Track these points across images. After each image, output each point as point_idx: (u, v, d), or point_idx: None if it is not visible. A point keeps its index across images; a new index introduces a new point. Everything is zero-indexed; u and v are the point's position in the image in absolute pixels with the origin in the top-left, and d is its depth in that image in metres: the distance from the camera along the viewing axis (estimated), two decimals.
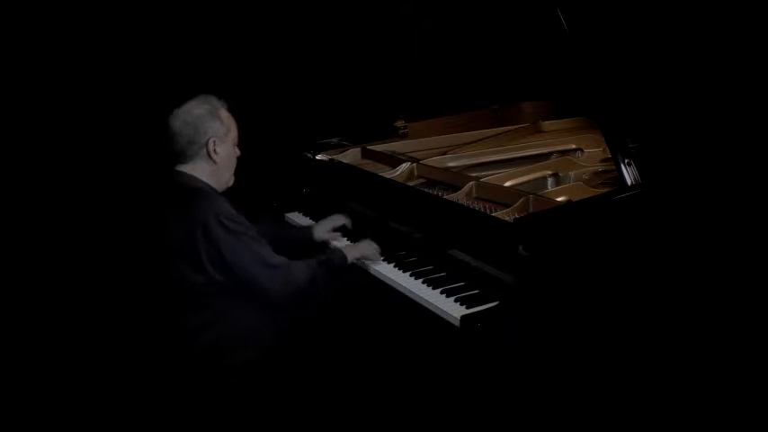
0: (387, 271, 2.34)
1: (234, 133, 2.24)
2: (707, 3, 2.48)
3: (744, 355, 2.25)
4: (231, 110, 2.33)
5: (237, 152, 2.27)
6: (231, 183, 2.29)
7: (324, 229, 2.64)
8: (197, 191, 2.14)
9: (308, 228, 2.67)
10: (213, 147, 2.16)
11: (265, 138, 3.55)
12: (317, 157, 3.14)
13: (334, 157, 3.10)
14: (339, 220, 2.68)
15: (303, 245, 2.60)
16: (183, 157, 2.17)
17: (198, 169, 2.18)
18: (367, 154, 3.12)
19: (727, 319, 2.26)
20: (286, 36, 3.87)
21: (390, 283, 2.28)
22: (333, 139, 3.28)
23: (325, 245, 2.61)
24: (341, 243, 2.61)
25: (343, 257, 2.34)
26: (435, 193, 2.56)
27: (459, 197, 2.44)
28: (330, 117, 3.68)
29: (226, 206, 2.12)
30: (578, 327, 2.00)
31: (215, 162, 2.18)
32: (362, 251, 2.40)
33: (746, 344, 2.26)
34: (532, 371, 1.99)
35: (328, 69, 3.93)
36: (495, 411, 2.12)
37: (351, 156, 3.13)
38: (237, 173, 2.33)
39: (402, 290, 2.22)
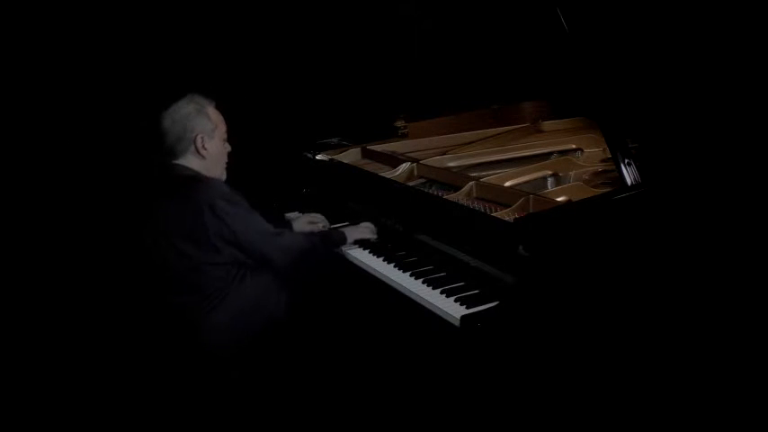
0: (387, 271, 2.34)
1: (222, 130, 2.33)
2: (707, 3, 2.48)
3: (744, 355, 2.25)
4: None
5: (228, 148, 2.37)
6: (223, 178, 2.36)
7: (303, 223, 2.68)
8: (194, 177, 2.25)
9: (288, 222, 2.71)
10: (201, 143, 2.26)
11: (265, 138, 3.57)
12: (317, 157, 3.14)
13: (334, 157, 3.10)
14: (318, 219, 2.73)
15: None
16: (173, 154, 2.27)
17: (189, 163, 2.28)
18: (367, 154, 3.12)
19: (727, 318, 2.26)
20: (286, 36, 3.87)
21: (390, 282, 2.28)
22: (333, 139, 3.29)
23: None
24: None
25: (344, 237, 2.49)
26: (435, 193, 2.56)
27: (459, 197, 2.44)
28: (330, 117, 3.68)
29: (225, 186, 2.27)
30: (578, 327, 2.00)
31: (204, 157, 2.28)
32: (363, 233, 2.53)
33: (746, 344, 2.26)
34: (532, 371, 1.99)
35: (328, 69, 3.93)
36: (495, 411, 2.12)
37: (351, 156, 3.13)
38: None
39: (402, 290, 2.22)
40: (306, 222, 2.67)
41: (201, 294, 2.19)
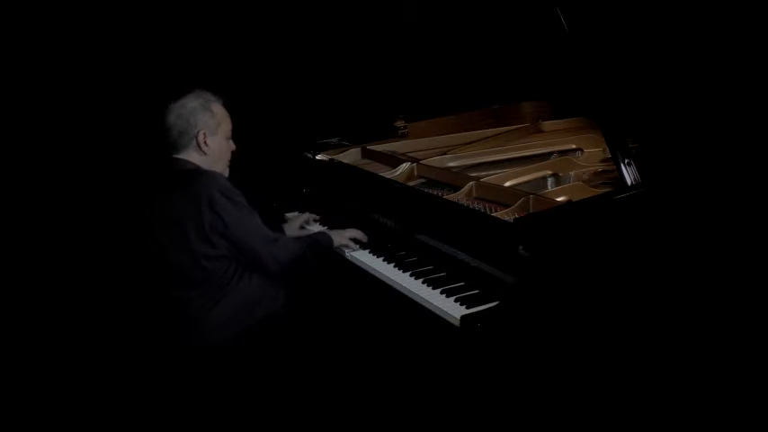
0: (387, 271, 2.34)
1: (226, 127, 2.34)
2: (707, 3, 2.48)
3: (744, 355, 2.25)
4: (230, 107, 2.37)
5: (232, 146, 2.38)
6: (225, 175, 2.36)
7: (294, 228, 2.72)
8: (196, 170, 2.26)
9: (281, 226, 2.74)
10: (203, 139, 2.26)
11: (265, 138, 3.57)
12: (317, 157, 3.14)
13: (334, 157, 3.10)
14: (304, 217, 2.79)
15: None
16: (176, 148, 2.28)
17: (190, 158, 2.29)
18: (367, 154, 3.12)
19: (727, 318, 2.26)
20: (286, 36, 3.87)
21: (390, 282, 2.28)
22: (333, 139, 3.29)
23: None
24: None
25: (330, 241, 2.49)
26: (435, 193, 2.56)
27: (459, 197, 2.44)
28: (330, 117, 3.68)
29: (226, 180, 2.27)
30: (578, 327, 2.00)
31: (205, 153, 2.28)
32: (348, 237, 2.53)
33: (746, 344, 2.26)
34: (532, 370, 1.99)
35: (328, 69, 3.93)
36: (495, 411, 2.12)
37: (351, 156, 3.13)
38: (237, 171, 2.40)
39: (402, 290, 2.22)
40: (297, 227, 2.71)
41: (199, 289, 2.20)
